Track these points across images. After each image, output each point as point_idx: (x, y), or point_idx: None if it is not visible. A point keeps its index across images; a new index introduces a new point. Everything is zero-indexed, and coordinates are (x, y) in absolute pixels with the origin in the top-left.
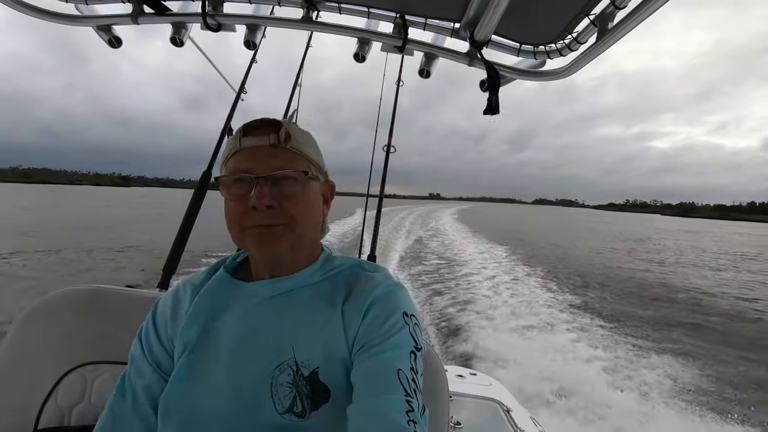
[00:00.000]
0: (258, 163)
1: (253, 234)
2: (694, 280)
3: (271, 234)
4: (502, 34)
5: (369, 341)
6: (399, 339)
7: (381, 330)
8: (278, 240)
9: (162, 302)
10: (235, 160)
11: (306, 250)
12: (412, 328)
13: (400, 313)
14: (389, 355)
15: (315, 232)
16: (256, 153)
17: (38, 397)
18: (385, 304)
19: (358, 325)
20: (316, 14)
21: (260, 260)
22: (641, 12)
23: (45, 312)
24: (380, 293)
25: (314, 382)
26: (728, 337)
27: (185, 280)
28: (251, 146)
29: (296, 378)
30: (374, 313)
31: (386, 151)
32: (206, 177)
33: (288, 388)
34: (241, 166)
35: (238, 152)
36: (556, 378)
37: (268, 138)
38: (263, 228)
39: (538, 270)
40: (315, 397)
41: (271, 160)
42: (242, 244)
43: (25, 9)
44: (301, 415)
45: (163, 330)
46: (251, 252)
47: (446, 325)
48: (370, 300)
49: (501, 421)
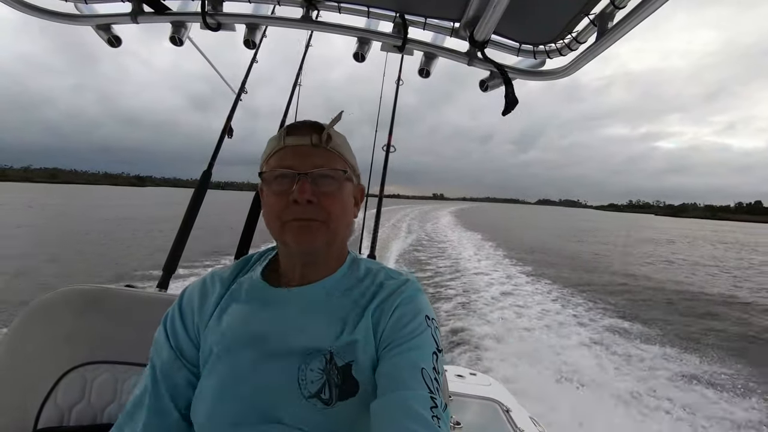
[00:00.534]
0: (300, 160)
1: (293, 227)
2: (582, 246)
3: (309, 228)
4: (502, 34)
5: (394, 340)
6: (422, 339)
7: (406, 330)
8: (315, 234)
9: (189, 292)
10: (278, 158)
11: (337, 249)
12: (433, 331)
13: (423, 316)
14: (414, 354)
15: (346, 232)
16: (298, 151)
17: (38, 397)
18: (410, 307)
19: (385, 324)
20: (316, 14)
21: (295, 255)
22: (641, 12)
23: (45, 312)
24: (406, 296)
25: (346, 374)
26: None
27: (212, 271)
28: (294, 145)
29: (328, 366)
30: (399, 314)
31: (386, 151)
32: (206, 177)
33: (318, 373)
34: (283, 162)
35: (281, 150)
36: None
37: (310, 138)
38: (303, 221)
39: (489, 243)
40: (344, 388)
41: (312, 158)
42: (281, 237)
43: (26, 8)
44: (327, 402)
45: (190, 318)
46: (289, 245)
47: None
48: (398, 302)
49: (501, 421)
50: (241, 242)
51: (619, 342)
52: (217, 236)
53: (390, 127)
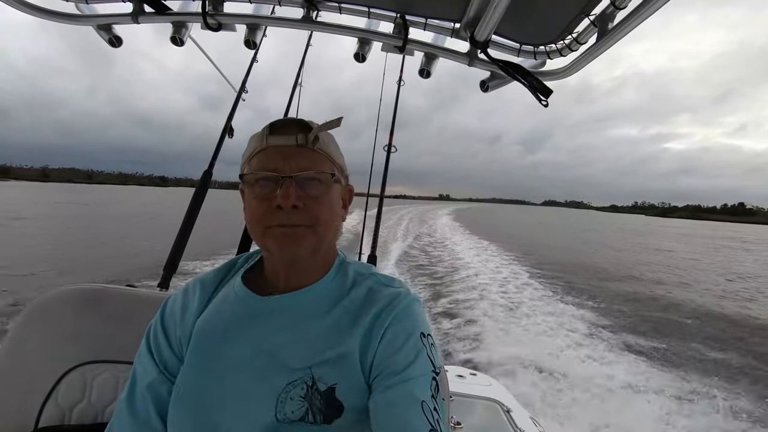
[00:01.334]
0: (284, 162)
1: (276, 234)
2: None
3: (294, 235)
4: (502, 34)
5: (386, 368)
6: (418, 366)
7: (399, 357)
8: (301, 241)
9: (171, 302)
10: (261, 159)
11: (324, 254)
12: (429, 350)
13: (417, 335)
14: (411, 386)
15: (334, 236)
16: (282, 152)
17: (38, 396)
18: (403, 325)
19: (375, 348)
20: (317, 14)
21: (279, 262)
22: (641, 12)
23: (45, 311)
24: (399, 313)
25: (329, 397)
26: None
27: (195, 278)
28: (278, 145)
29: (309, 392)
30: (392, 336)
31: (387, 151)
32: (207, 176)
33: (299, 402)
34: (267, 165)
35: (264, 150)
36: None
37: (296, 138)
38: (287, 228)
39: (467, 228)
40: (328, 412)
41: (297, 160)
42: (263, 243)
43: (26, 8)
44: (314, 423)
45: (172, 330)
46: (272, 252)
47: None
48: (390, 320)
49: (501, 422)
50: (243, 239)
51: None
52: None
53: (391, 128)
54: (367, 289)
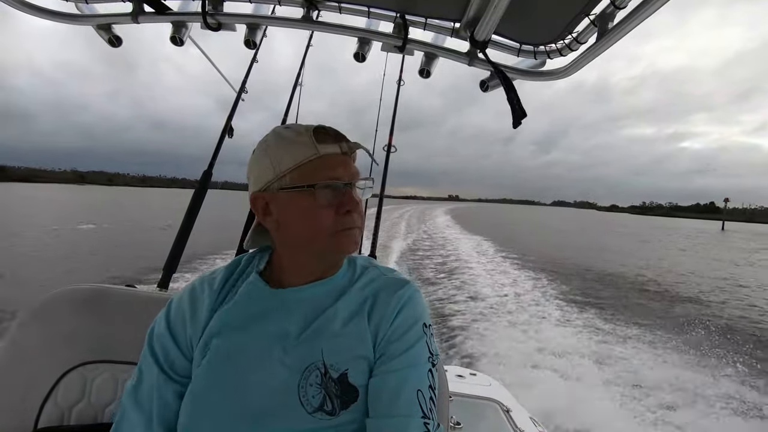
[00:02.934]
0: (345, 169)
1: (346, 236)
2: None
3: (355, 236)
4: (502, 34)
5: (388, 351)
6: (417, 352)
7: (401, 341)
8: (359, 241)
9: (177, 302)
10: (319, 167)
11: None
12: (428, 339)
13: (420, 324)
14: (409, 372)
15: None
16: (340, 161)
17: (38, 396)
18: (410, 313)
19: (386, 331)
20: (317, 14)
21: (325, 260)
22: (641, 12)
23: (45, 311)
24: (406, 300)
25: (344, 383)
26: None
27: (199, 278)
28: (332, 153)
29: (324, 379)
30: (399, 321)
31: (387, 151)
32: (207, 177)
33: (317, 388)
34: (335, 174)
35: (319, 158)
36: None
37: (339, 146)
38: (354, 230)
39: (457, 222)
40: (344, 397)
41: (351, 167)
42: (327, 247)
43: (27, 8)
44: (332, 413)
45: (181, 331)
46: (333, 254)
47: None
48: (399, 307)
49: (501, 422)
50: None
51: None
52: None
53: (391, 128)
54: (373, 279)
